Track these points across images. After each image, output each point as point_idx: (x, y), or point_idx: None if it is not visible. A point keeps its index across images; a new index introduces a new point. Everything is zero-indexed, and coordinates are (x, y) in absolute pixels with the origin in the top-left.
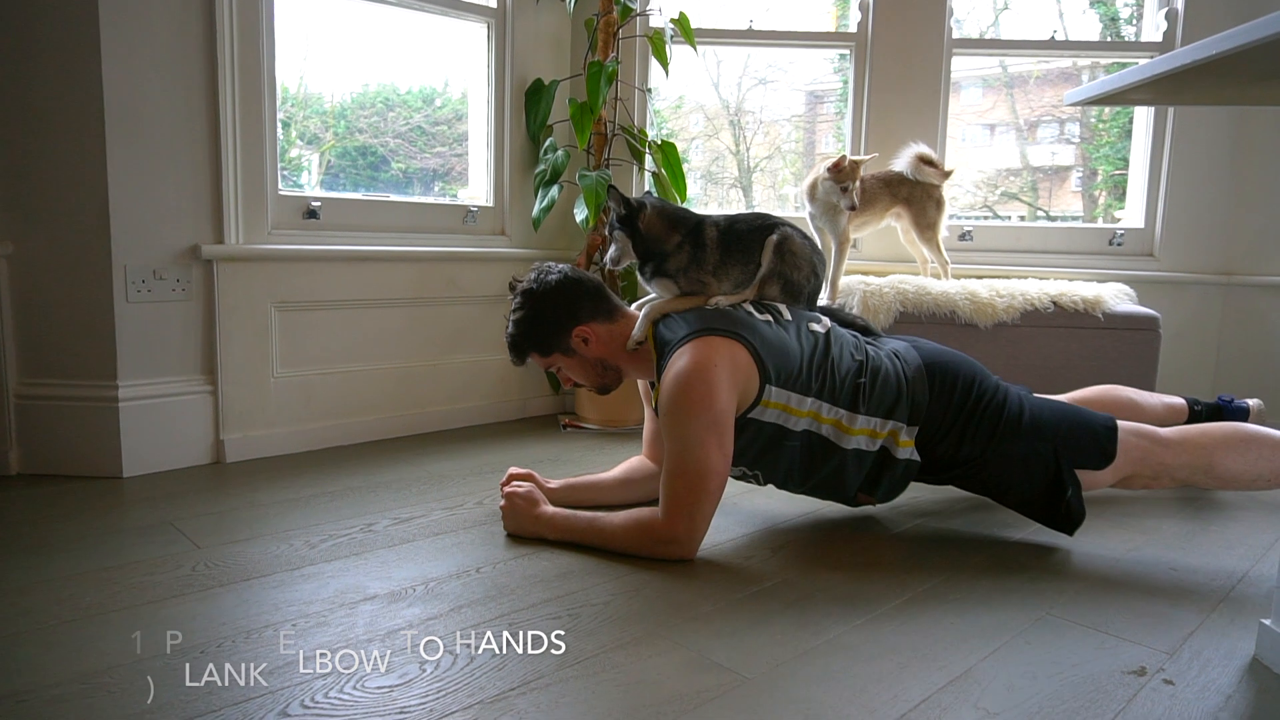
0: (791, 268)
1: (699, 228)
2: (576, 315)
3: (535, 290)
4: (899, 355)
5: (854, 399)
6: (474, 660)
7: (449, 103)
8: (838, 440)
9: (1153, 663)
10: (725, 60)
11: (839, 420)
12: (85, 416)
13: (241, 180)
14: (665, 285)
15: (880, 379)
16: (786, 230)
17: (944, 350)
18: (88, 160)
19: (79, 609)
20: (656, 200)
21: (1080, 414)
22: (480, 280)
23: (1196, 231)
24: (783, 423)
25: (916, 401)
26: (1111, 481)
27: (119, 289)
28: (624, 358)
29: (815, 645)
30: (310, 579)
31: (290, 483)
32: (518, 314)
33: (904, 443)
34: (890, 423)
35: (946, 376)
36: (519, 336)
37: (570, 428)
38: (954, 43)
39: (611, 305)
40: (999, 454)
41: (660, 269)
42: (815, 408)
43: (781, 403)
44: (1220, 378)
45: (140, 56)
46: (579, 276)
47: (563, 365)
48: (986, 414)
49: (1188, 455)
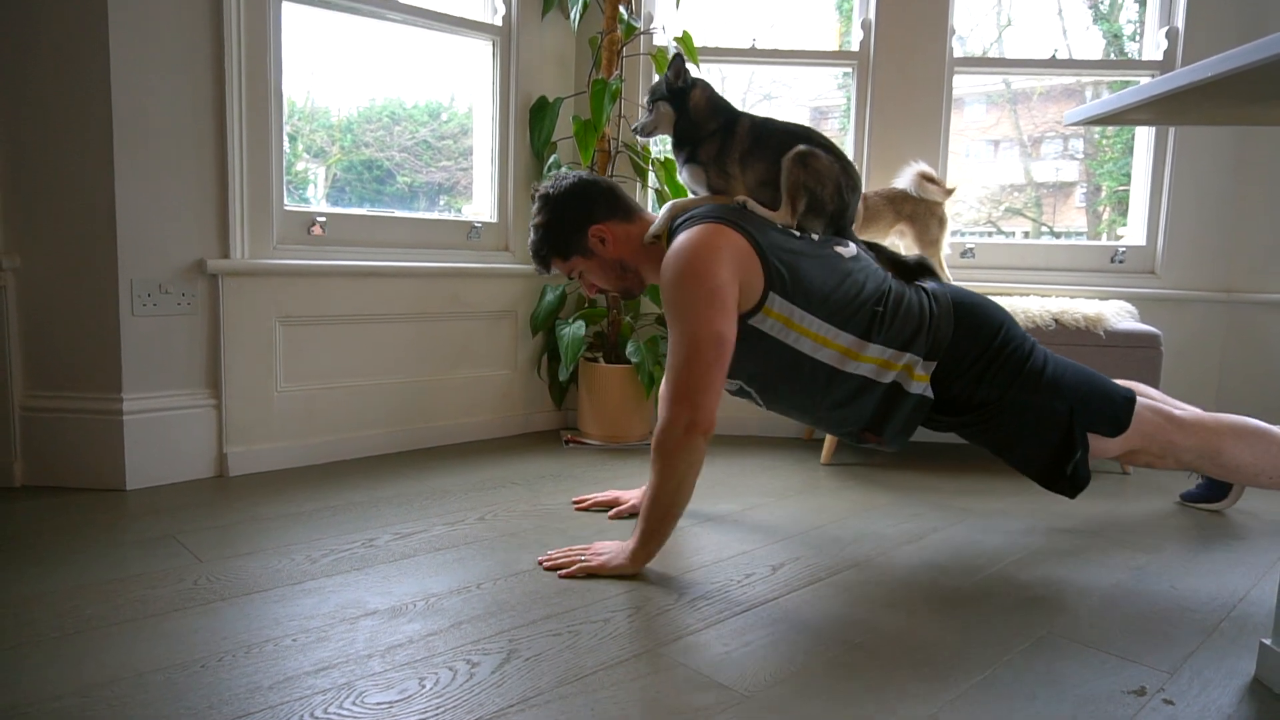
0: (815, 182)
1: (735, 119)
2: (592, 214)
3: (552, 194)
4: (929, 291)
5: (868, 326)
6: (474, 677)
7: (454, 117)
8: (842, 366)
9: (1153, 682)
10: (729, 76)
11: (848, 348)
12: (89, 429)
13: (247, 195)
14: (696, 174)
15: (902, 309)
16: (815, 144)
17: (977, 294)
18: (95, 175)
19: (81, 621)
20: (704, 83)
21: (1101, 380)
22: (484, 296)
23: (1198, 249)
24: (785, 339)
25: (940, 335)
26: (1118, 452)
27: (125, 303)
28: (642, 257)
29: (813, 664)
30: (311, 593)
31: (292, 497)
32: (537, 219)
33: (919, 376)
34: (906, 355)
35: (976, 315)
36: (540, 242)
37: (572, 443)
38: (955, 61)
39: (628, 205)
40: (1014, 403)
41: (694, 155)
42: (821, 330)
43: (783, 315)
44: (1223, 396)
45: (148, 72)
46: (594, 179)
47: (583, 269)
48: (1010, 360)
49: (1198, 438)
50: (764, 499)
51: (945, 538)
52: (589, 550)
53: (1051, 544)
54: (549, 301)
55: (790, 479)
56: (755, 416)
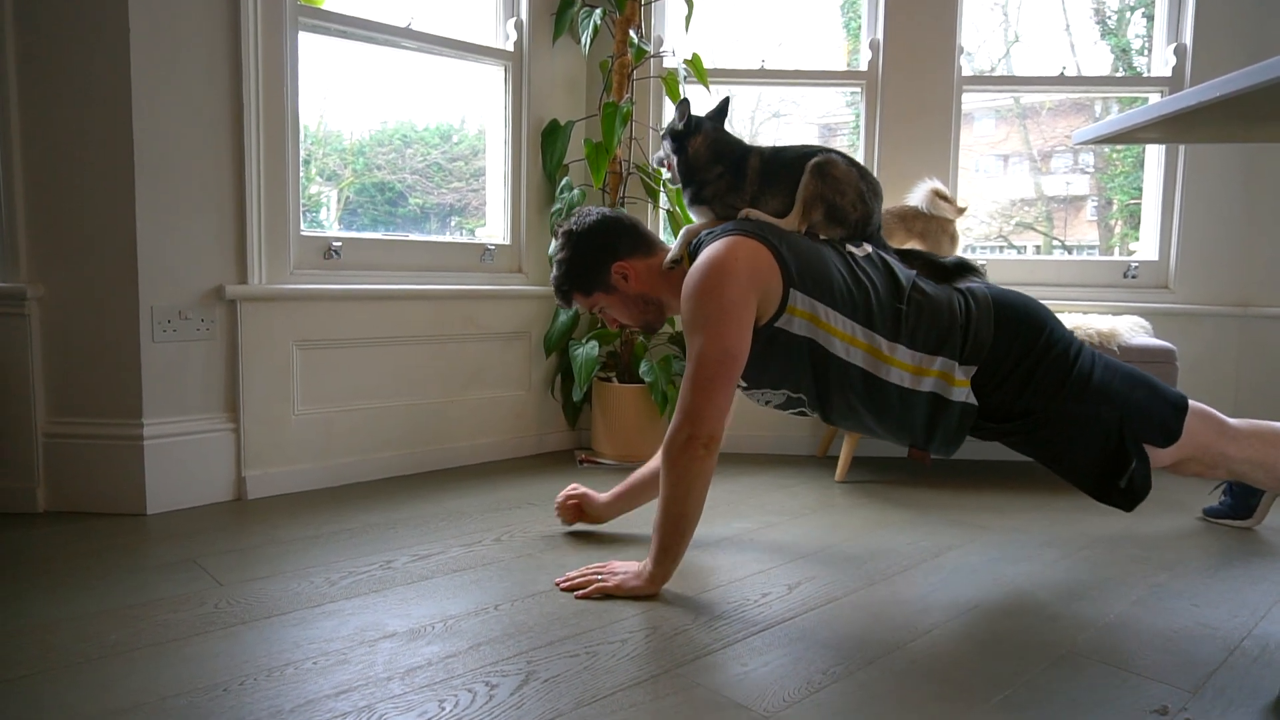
0: (834, 192)
1: (744, 158)
2: (615, 251)
3: (575, 231)
4: (966, 291)
5: (894, 326)
6: (493, 699)
7: (466, 139)
8: (874, 370)
9: (1175, 701)
10: (739, 96)
11: (875, 347)
12: (110, 455)
13: (265, 221)
14: (701, 211)
15: (928, 309)
16: (831, 155)
17: (1020, 294)
18: (116, 204)
19: (104, 646)
20: (712, 129)
21: (1154, 384)
22: (498, 317)
23: (1211, 263)
24: (814, 337)
25: (978, 337)
26: (1169, 462)
27: (145, 329)
28: (663, 288)
29: (831, 683)
30: (330, 616)
31: (310, 519)
32: (560, 254)
33: (959, 382)
34: (939, 359)
35: (1017, 317)
36: (562, 278)
37: (587, 463)
38: (964, 80)
39: (649, 240)
40: (1060, 412)
41: (698, 195)
42: (847, 328)
43: (808, 312)
44: (1240, 410)
45: (169, 101)
46: (617, 215)
47: (605, 304)
48: (1055, 365)
49: (1252, 450)
50: (779, 517)
51: (962, 555)
52: (605, 569)
53: (1070, 561)
54: (562, 322)
55: (805, 497)
56: (768, 434)
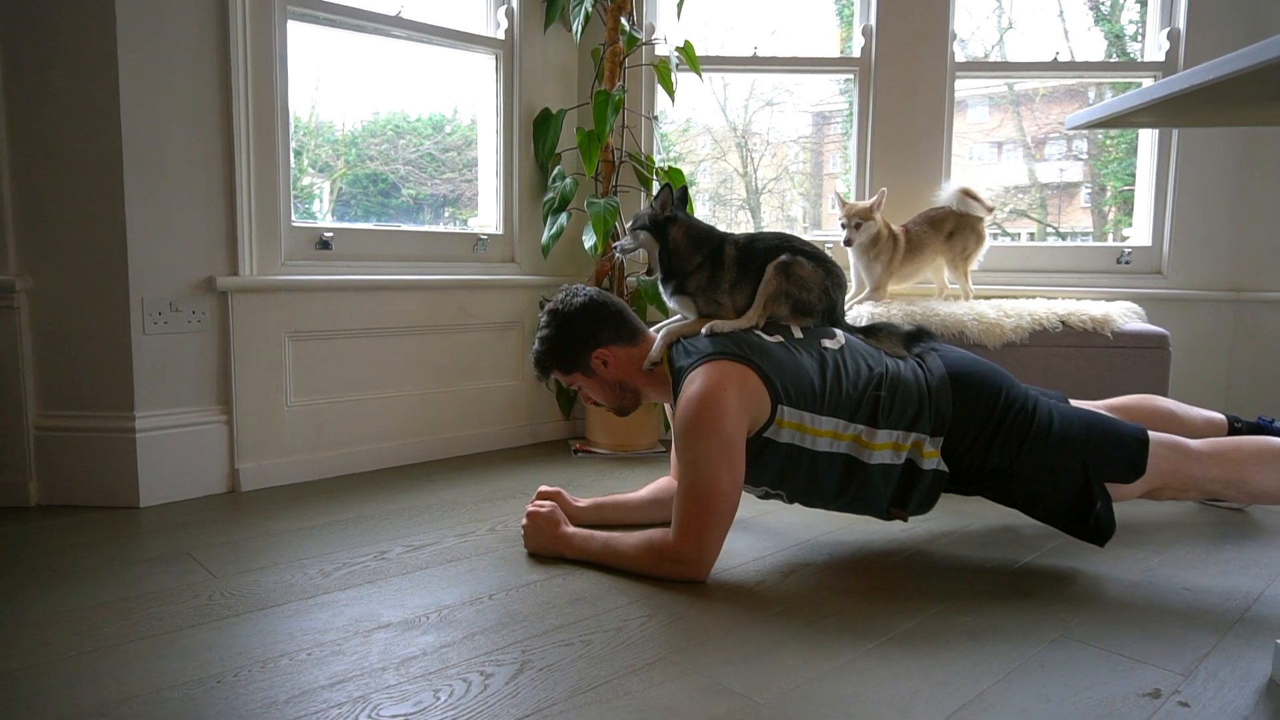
0: (799, 288)
1: (720, 247)
2: (598, 338)
3: (560, 311)
4: (924, 365)
5: (873, 413)
6: (488, 688)
7: (458, 129)
8: (859, 455)
9: (1168, 685)
10: (732, 84)
11: (859, 436)
12: (103, 447)
13: (255, 212)
14: (684, 303)
15: (900, 391)
16: (796, 256)
17: (971, 359)
18: (105, 195)
19: (98, 639)
20: (686, 218)
21: (1111, 425)
22: (491, 307)
23: (1204, 249)
24: (799, 442)
25: (941, 411)
26: (1140, 493)
27: (136, 321)
28: (642, 380)
29: (827, 670)
30: (325, 607)
31: (304, 511)
32: (543, 332)
33: (929, 453)
34: (913, 434)
35: (972, 385)
36: (543, 354)
37: (581, 452)
38: (957, 66)
39: (633, 329)
40: (1026, 466)
41: (681, 287)
42: (833, 426)
43: (795, 422)
44: (1232, 395)
45: (157, 92)
46: (604, 301)
47: (583, 385)
48: (1015, 425)
49: (1219, 469)
50: (774, 504)
51: (956, 541)
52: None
53: (1063, 546)
54: None
55: None
56: None
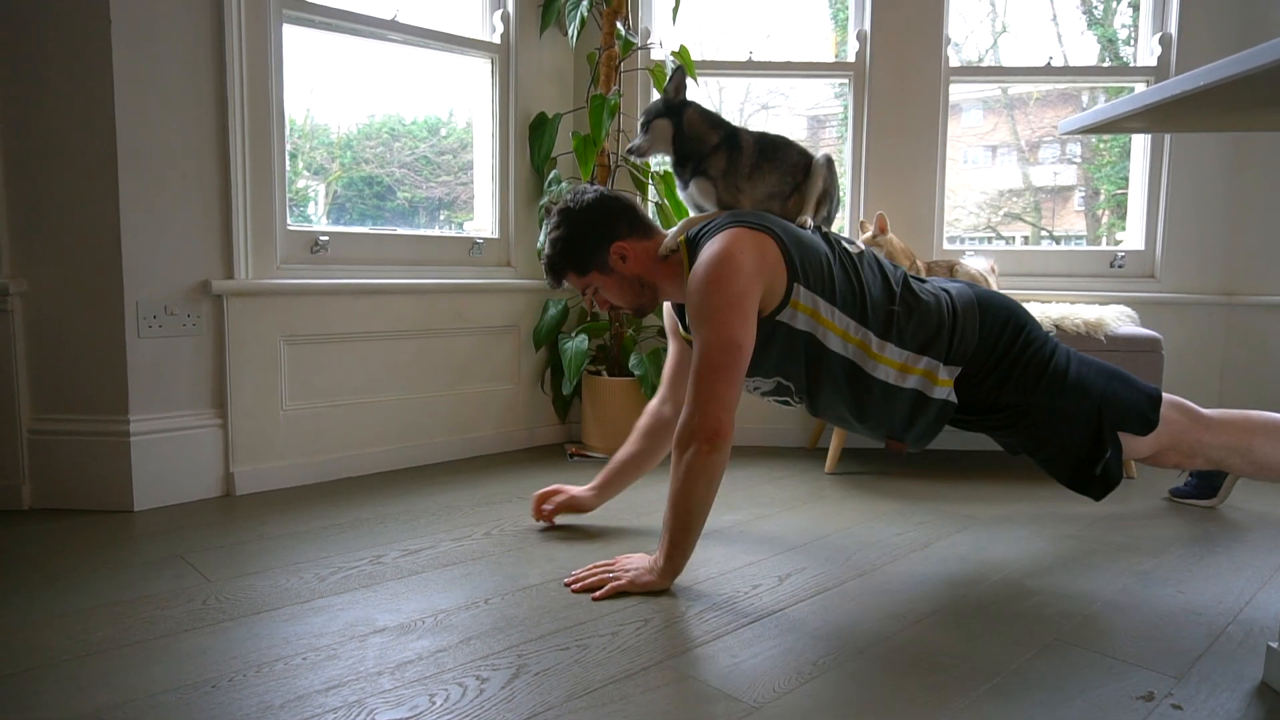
0: (835, 186)
1: (735, 132)
2: (615, 230)
3: (572, 209)
4: (949, 290)
5: (885, 325)
6: (484, 692)
7: (454, 132)
8: (862, 364)
9: (1161, 688)
10: (727, 88)
11: (865, 342)
12: (97, 451)
13: (251, 215)
14: (704, 187)
15: (919, 310)
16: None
17: (1002, 297)
18: (100, 198)
19: (92, 643)
20: (698, 104)
21: (1128, 377)
22: (486, 311)
23: (1197, 252)
24: (814, 332)
25: (964, 337)
26: (1148, 452)
27: (130, 325)
28: (660, 273)
29: (822, 674)
30: (320, 612)
31: (299, 515)
32: (555, 233)
33: (941, 382)
34: (924, 359)
35: (998, 316)
36: (557, 256)
37: (577, 456)
38: (951, 71)
39: (646, 222)
40: (1040, 406)
41: (700, 169)
42: (843, 324)
43: (810, 307)
44: (1224, 398)
45: (152, 94)
46: (614, 194)
47: (600, 285)
48: (1033, 362)
49: (1227, 436)
50: (769, 509)
51: (950, 545)
52: (615, 566)
53: (1056, 550)
54: (551, 316)
55: (795, 488)
56: (759, 426)
